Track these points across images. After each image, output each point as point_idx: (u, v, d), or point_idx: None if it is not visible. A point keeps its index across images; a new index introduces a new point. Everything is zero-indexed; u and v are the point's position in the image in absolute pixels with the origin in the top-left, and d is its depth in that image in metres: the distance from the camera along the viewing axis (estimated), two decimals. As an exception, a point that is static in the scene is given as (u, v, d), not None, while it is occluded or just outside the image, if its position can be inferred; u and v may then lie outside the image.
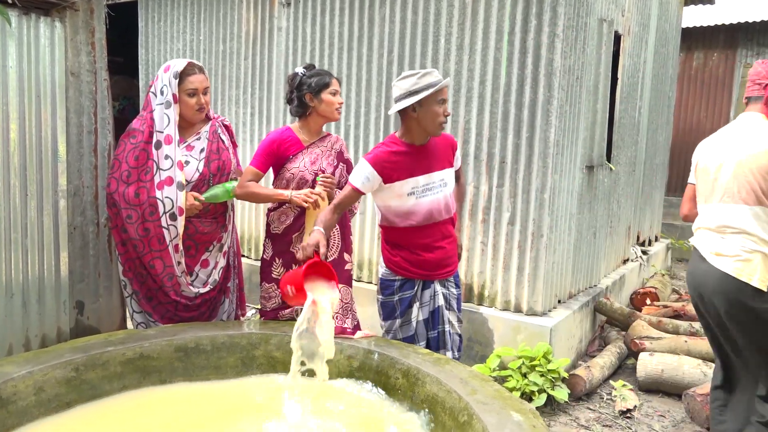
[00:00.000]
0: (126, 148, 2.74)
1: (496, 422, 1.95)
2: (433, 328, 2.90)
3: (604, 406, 3.86)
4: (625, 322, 4.80)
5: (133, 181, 2.71)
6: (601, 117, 4.88)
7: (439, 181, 2.79)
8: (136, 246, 2.76)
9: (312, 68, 2.98)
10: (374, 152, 2.76)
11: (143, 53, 6.40)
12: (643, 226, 6.84)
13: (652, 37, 6.26)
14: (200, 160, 2.82)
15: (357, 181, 2.71)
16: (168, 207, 2.70)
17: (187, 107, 2.76)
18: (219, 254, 2.96)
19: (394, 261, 2.83)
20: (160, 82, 2.74)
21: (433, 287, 2.87)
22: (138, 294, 2.86)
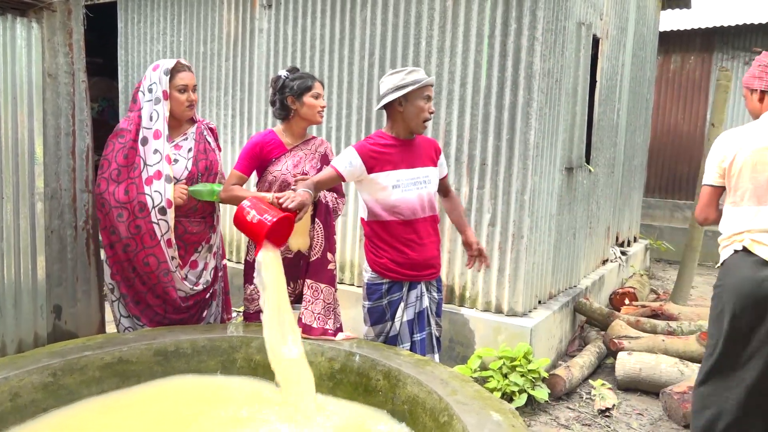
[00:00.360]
0: (115, 147, 2.77)
1: (475, 422, 1.97)
2: (419, 330, 2.90)
3: (584, 406, 3.91)
4: (604, 321, 4.86)
5: (123, 180, 2.73)
6: (580, 119, 4.94)
7: (423, 177, 2.84)
8: (127, 245, 2.74)
9: (295, 71, 2.99)
10: (361, 142, 2.84)
11: (123, 54, 6.34)
12: (621, 226, 6.93)
13: (630, 41, 6.35)
14: (188, 159, 2.84)
15: (339, 165, 2.74)
16: (157, 201, 2.70)
17: (178, 103, 2.78)
18: (209, 255, 2.97)
19: (380, 263, 2.84)
20: (148, 81, 2.77)
21: (419, 288, 2.89)
22: (126, 297, 2.84)
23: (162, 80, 2.74)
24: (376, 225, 2.84)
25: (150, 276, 2.78)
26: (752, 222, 2.51)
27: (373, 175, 2.75)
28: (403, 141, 2.82)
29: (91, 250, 2.98)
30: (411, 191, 2.79)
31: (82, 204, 2.93)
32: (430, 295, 2.95)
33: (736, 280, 2.51)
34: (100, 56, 8.16)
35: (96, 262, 3.01)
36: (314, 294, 2.81)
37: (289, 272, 2.96)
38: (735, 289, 2.50)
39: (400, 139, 2.82)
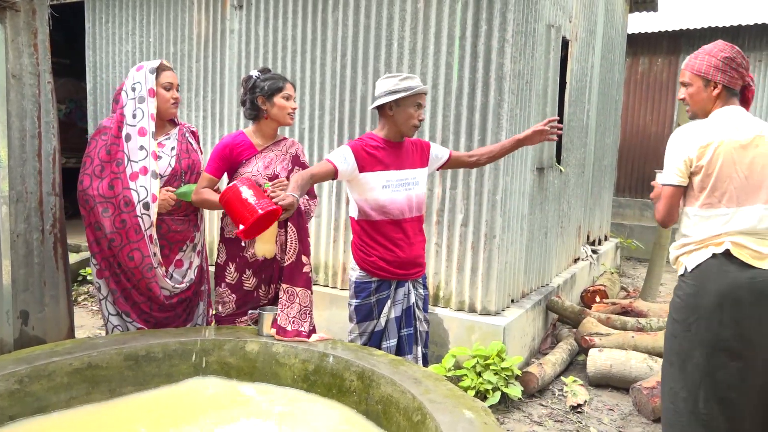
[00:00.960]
0: (97, 144, 2.80)
1: (448, 421, 1.99)
2: (407, 326, 2.97)
3: (556, 402, 3.96)
4: (575, 319, 4.94)
5: (106, 175, 2.76)
6: (551, 120, 5.01)
7: (412, 178, 2.91)
8: (112, 240, 2.75)
9: (267, 72, 2.98)
10: (354, 141, 2.89)
11: (90, 55, 6.24)
12: (592, 225, 7.04)
13: (599, 43, 6.46)
14: (171, 156, 2.88)
15: (335, 159, 2.76)
16: (142, 196, 2.73)
17: (164, 100, 2.83)
18: (193, 254, 2.98)
19: (369, 261, 2.88)
20: (131, 80, 2.81)
21: (407, 286, 2.96)
22: (115, 293, 2.84)
23: (148, 79, 2.79)
24: (366, 224, 2.88)
25: (134, 271, 2.78)
26: (731, 224, 2.34)
27: (363, 174, 2.80)
28: (393, 143, 2.88)
29: (59, 254, 2.93)
30: (399, 192, 2.86)
31: (49, 207, 2.87)
32: (416, 292, 3.01)
33: (721, 286, 2.31)
34: (67, 57, 8.01)
35: (64, 266, 2.96)
36: (290, 298, 2.79)
37: (262, 275, 2.98)
38: (722, 295, 2.30)
39: (389, 141, 2.87)
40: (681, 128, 2.46)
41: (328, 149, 4.79)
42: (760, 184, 2.36)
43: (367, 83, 4.56)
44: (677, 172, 2.40)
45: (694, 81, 2.48)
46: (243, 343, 2.66)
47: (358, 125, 4.63)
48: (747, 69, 2.45)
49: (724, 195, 2.35)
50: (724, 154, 2.34)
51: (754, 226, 2.33)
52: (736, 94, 2.47)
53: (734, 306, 2.30)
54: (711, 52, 2.44)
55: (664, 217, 2.47)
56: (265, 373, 2.60)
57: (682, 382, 2.40)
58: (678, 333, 2.41)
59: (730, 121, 2.39)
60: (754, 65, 9.28)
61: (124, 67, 5.98)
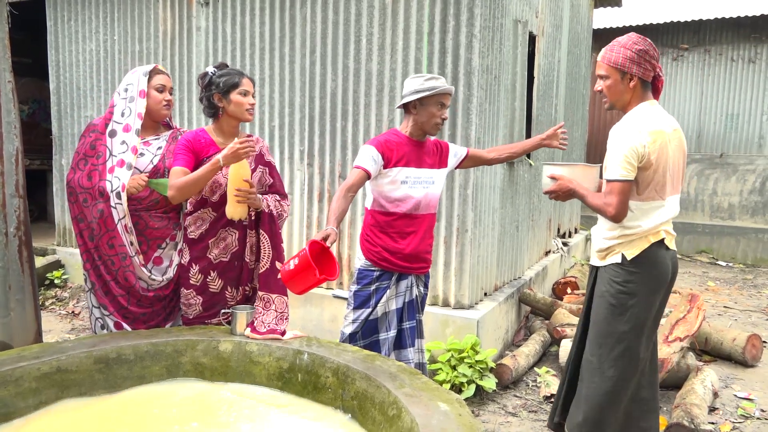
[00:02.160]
0: (85, 141, 2.88)
1: (423, 413, 2.00)
2: (409, 318, 3.03)
3: (530, 393, 4.01)
4: (548, 311, 5.01)
5: (87, 166, 2.82)
6: (519, 114, 5.07)
7: (428, 177, 2.97)
8: (93, 230, 2.79)
9: (224, 67, 2.87)
10: (376, 139, 2.94)
11: (53, 54, 6.10)
12: (563, 218, 7.15)
13: (565, 38, 6.54)
14: (155, 155, 2.88)
15: (365, 164, 2.82)
16: (115, 185, 2.76)
17: (155, 101, 2.86)
18: (173, 252, 2.95)
19: (374, 251, 2.95)
20: (124, 83, 2.88)
21: (409, 279, 3.01)
22: (95, 285, 2.87)
23: (140, 81, 2.84)
24: (379, 215, 2.95)
25: (113, 259, 2.81)
26: (664, 214, 2.53)
27: (387, 169, 2.87)
28: (415, 141, 2.95)
29: (24, 257, 2.86)
30: (416, 189, 2.92)
31: (13, 209, 2.81)
32: (418, 289, 3.07)
33: (659, 272, 2.54)
34: (28, 56, 7.81)
35: (30, 269, 2.89)
36: (266, 305, 2.78)
37: (227, 275, 2.91)
38: (660, 279, 2.55)
39: (412, 139, 2.95)
40: (621, 125, 2.52)
41: (299, 146, 4.77)
42: (678, 175, 2.59)
43: (337, 80, 4.55)
44: (629, 167, 2.43)
45: (610, 73, 2.56)
46: (216, 342, 2.63)
47: (329, 122, 4.62)
48: (657, 60, 2.57)
49: (663, 188, 2.51)
50: (664, 149, 2.48)
51: (674, 214, 2.59)
52: (649, 86, 2.58)
53: (663, 286, 2.58)
54: (626, 45, 2.52)
55: (620, 212, 2.47)
56: (240, 373, 2.58)
57: (611, 362, 2.59)
58: (614, 316, 2.58)
59: (658, 117, 2.52)
60: (715, 58, 9.51)
61: (88, 65, 5.86)
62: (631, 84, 2.52)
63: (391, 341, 2.99)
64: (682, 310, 4.29)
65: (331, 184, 4.67)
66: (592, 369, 2.66)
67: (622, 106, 2.58)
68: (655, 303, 2.59)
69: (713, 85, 9.54)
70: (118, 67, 5.65)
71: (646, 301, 2.55)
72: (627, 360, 2.59)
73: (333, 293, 2.86)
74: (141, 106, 2.83)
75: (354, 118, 4.51)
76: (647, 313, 2.58)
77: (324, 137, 4.66)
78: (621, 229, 2.54)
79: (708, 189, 9.55)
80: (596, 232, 2.69)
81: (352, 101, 4.50)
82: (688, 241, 9.45)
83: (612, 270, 2.58)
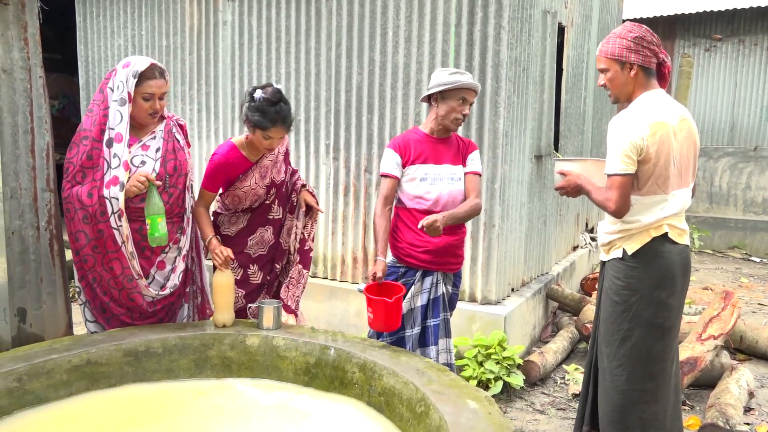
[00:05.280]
0: (79, 150, 2.63)
1: (452, 411, 1.97)
2: (434, 316, 2.99)
3: (558, 390, 3.95)
4: (576, 307, 4.93)
5: (87, 182, 2.61)
6: (548, 107, 4.98)
7: (450, 173, 2.94)
8: (95, 247, 2.62)
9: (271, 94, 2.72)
10: (394, 139, 3.02)
11: (82, 50, 6.18)
12: (591, 213, 7.03)
13: (595, 29, 6.41)
14: (156, 159, 2.72)
15: (389, 169, 2.93)
16: (115, 207, 2.59)
17: (140, 110, 2.65)
18: (178, 258, 2.85)
19: (399, 247, 2.98)
20: (117, 78, 2.62)
21: (435, 276, 2.98)
22: (90, 304, 2.76)
23: (129, 82, 2.60)
24: (400, 211, 2.99)
25: (115, 281, 2.68)
26: (667, 209, 2.45)
27: (405, 168, 2.92)
28: (436, 139, 2.94)
29: (55, 250, 2.90)
30: (436, 185, 2.91)
31: (44, 203, 2.84)
32: (444, 287, 3.02)
33: (661, 267, 2.45)
34: (58, 52, 7.93)
35: (60, 262, 2.92)
36: (298, 279, 3.09)
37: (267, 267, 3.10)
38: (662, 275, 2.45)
39: (432, 136, 2.95)
40: (620, 117, 2.44)
41: (324, 140, 4.75)
42: (687, 168, 2.49)
43: (363, 73, 4.52)
44: (628, 161, 2.37)
45: (610, 65, 2.49)
46: (243, 336, 2.64)
47: (354, 116, 4.60)
48: (659, 46, 2.46)
49: (666, 181, 2.42)
50: (666, 141, 2.38)
51: (682, 208, 2.50)
52: (653, 74, 2.48)
53: (670, 282, 2.47)
54: (621, 35, 2.46)
55: (621, 207, 2.41)
56: (266, 367, 2.58)
57: (620, 360, 2.53)
58: (618, 314, 2.52)
59: (661, 107, 2.42)
60: (750, 48, 9.25)
61: (116, 61, 5.92)
62: (632, 73, 2.44)
63: (416, 338, 2.97)
64: (716, 307, 4.18)
65: (356, 178, 4.65)
66: (602, 369, 2.61)
67: (627, 98, 2.50)
68: (663, 299, 2.46)
69: (748, 76, 9.27)
70: (145, 62, 5.70)
71: (649, 296, 2.46)
72: (635, 358, 2.50)
73: (358, 288, 2.85)
74: (128, 111, 2.62)
75: (380, 112, 4.48)
76: (653, 310, 2.47)
77: (350, 131, 4.64)
78: (621, 224, 2.49)
79: (741, 183, 9.31)
80: (601, 226, 2.66)
81: (378, 94, 4.47)
82: (720, 236, 9.23)
83: (614, 265, 2.54)
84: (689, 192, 2.55)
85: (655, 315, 2.48)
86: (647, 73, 2.46)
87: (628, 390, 2.53)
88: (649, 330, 2.49)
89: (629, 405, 2.53)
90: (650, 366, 2.51)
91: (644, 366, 2.51)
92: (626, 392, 2.53)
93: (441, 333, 3.01)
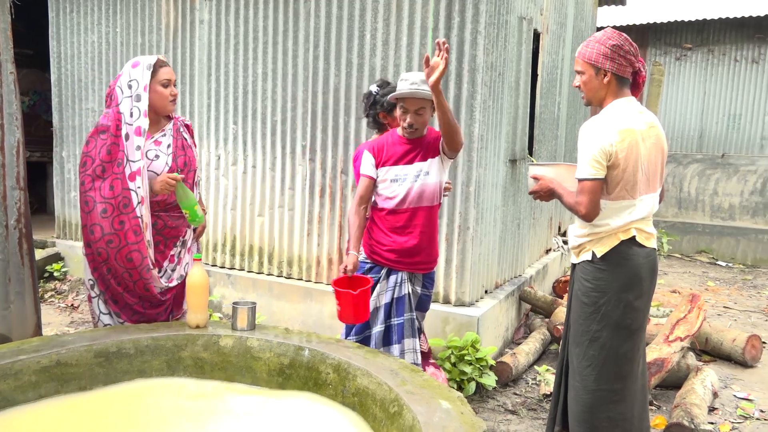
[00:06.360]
0: (97, 144, 2.72)
1: (425, 411, 1.99)
2: (398, 315, 2.99)
3: (530, 391, 4.01)
4: (548, 309, 5.00)
5: (108, 175, 2.69)
6: (523, 112, 5.05)
7: (417, 171, 2.93)
8: (110, 241, 2.67)
9: (386, 85, 3.09)
10: (370, 141, 3.08)
11: (55, 45, 6.07)
12: (563, 216, 7.13)
13: (570, 36, 6.52)
14: (168, 154, 2.84)
15: (366, 170, 2.98)
16: (140, 197, 2.69)
17: (162, 97, 2.79)
18: (183, 250, 2.97)
19: (368, 244, 3.03)
20: (126, 77, 2.74)
21: (399, 275, 2.99)
22: (104, 295, 2.82)
23: (144, 75, 2.73)
24: (374, 210, 3.04)
25: (132, 272, 2.73)
26: (635, 213, 2.51)
27: (378, 169, 2.97)
28: (408, 140, 2.94)
29: (25, 249, 2.85)
30: (403, 185, 2.93)
31: (14, 201, 2.79)
32: (412, 287, 3.03)
33: (629, 269, 2.51)
34: (30, 47, 7.78)
35: (30, 262, 2.88)
36: None
37: None
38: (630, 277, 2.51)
39: (404, 138, 2.95)
40: (590, 123, 2.50)
41: (301, 141, 4.75)
42: (655, 173, 2.55)
43: (340, 75, 4.53)
44: (598, 166, 2.43)
45: (586, 69, 2.55)
46: (217, 337, 2.62)
47: (331, 117, 4.60)
48: (636, 56, 2.52)
49: (634, 187, 2.48)
50: (634, 147, 2.44)
51: (649, 212, 2.56)
52: (626, 82, 2.54)
53: (637, 284, 2.53)
54: (600, 41, 2.51)
55: (591, 212, 2.47)
56: (240, 368, 2.57)
57: (589, 360, 2.59)
58: (587, 315, 2.58)
59: (630, 114, 2.49)
60: (719, 58, 9.49)
61: (90, 57, 5.84)
62: (605, 80, 2.50)
63: (379, 337, 2.97)
64: (683, 309, 4.28)
65: (332, 179, 4.65)
66: (572, 369, 2.66)
67: (599, 102, 2.57)
68: (630, 301, 2.53)
69: (716, 85, 9.51)
70: (120, 59, 5.63)
71: (617, 298, 2.53)
72: (604, 358, 2.57)
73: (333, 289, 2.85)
74: (146, 104, 2.74)
75: (357, 114, 4.50)
76: (621, 311, 2.53)
77: (326, 132, 4.64)
78: (591, 228, 2.56)
79: (709, 189, 9.54)
80: (571, 230, 2.71)
81: (356, 97, 4.48)
82: (688, 240, 9.44)
83: (584, 267, 2.60)
84: (657, 197, 2.61)
85: (623, 316, 2.54)
86: (620, 82, 2.52)
87: (597, 390, 2.59)
88: (617, 331, 2.55)
89: (598, 405, 2.59)
90: (619, 366, 2.57)
91: (613, 366, 2.57)
92: (595, 392, 2.59)
93: (407, 333, 3.00)
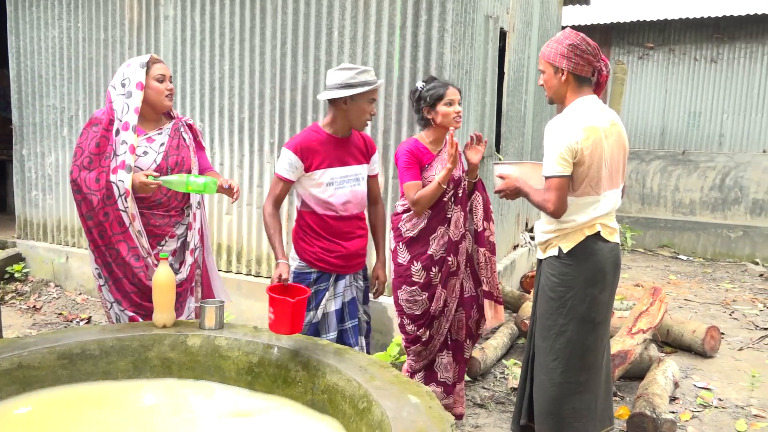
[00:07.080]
0: (89, 136, 2.78)
1: (394, 406, 2.00)
2: (350, 318, 3.00)
3: (498, 385, 4.07)
4: (515, 304, 5.07)
5: (95, 167, 2.74)
6: (490, 110, 5.10)
7: (355, 174, 2.91)
8: (103, 230, 2.75)
9: (432, 81, 3.07)
10: (295, 140, 2.85)
11: (13, 41, 5.91)
12: (530, 213, 7.24)
13: (535, 35, 6.61)
14: (158, 152, 2.83)
15: (282, 171, 2.82)
16: (122, 190, 2.72)
17: (158, 92, 2.79)
18: (186, 252, 2.95)
19: (311, 252, 2.90)
20: (120, 76, 2.79)
21: (347, 279, 2.98)
22: (108, 280, 2.84)
23: (138, 73, 2.75)
24: (309, 216, 2.90)
25: (123, 261, 2.78)
26: (600, 209, 2.56)
27: (309, 173, 2.81)
28: (339, 139, 2.87)
29: (-16, 250, 2.78)
30: (344, 188, 2.86)
31: (-30, 200, 2.72)
32: (356, 284, 3.03)
33: (594, 263, 2.57)
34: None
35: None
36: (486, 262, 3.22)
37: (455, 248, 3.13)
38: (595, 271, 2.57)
39: (336, 137, 2.86)
40: (555, 121, 2.55)
41: (269, 139, 4.72)
42: (617, 170, 2.61)
43: (308, 72, 4.51)
44: (564, 163, 2.48)
45: (546, 68, 2.62)
46: (184, 337, 2.59)
47: (300, 114, 4.59)
48: (596, 55, 2.56)
49: (598, 183, 2.53)
50: (598, 144, 2.49)
51: (613, 208, 2.62)
52: (586, 81, 2.57)
53: (602, 279, 2.60)
54: (558, 40, 2.57)
55: (559, 208, 2.51)
56: (208, 367, 2.55)
57: (555, 354, 2.64)
58: (553, 310, 2.63)
59: (593, 112, 2.54)
60: (679, 57, 9.73)
61: (50, 53, 5.70)
62: (563, 78, 2.55)
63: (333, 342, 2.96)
64: (645, 302, 4.39)
65: (301, 177, 4.64)
66: (539, 363, 2.71)
67: (560, 100, 2.63)
68: (595, 295, 2.60)
69: (677, 83, 9.75)
70: (82, 55, 5.51)
71: (583, 293, 2.58)
72: (570, 351, 2.62)
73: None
74: (137, 100, 2.75)
75: (325, 111, 4.48)
76: (586, 305, 2.59)
77: (295, 130, 4.62)
78: (557, 224, 2.61)
79: (670, 185, 9.78)
80: (537, 226, 2.75)
81: (323, 94, 4.47)
82: (651, 235, 9.67)
83: (550, 263, 2.65)
84: (619, 192, 2.67)
85: (589, 310, 2.60)
86: (579, 80, 2.56)
87: (563, 382, 2.64)
88: (582, 324, 2.61)
89: (564, 396, 2.64)
90: (583, 358, 2.64)
91: (578, 359, 2.63)
92: (561, 384, 2.64)
93: (363, 331, 3.04)
